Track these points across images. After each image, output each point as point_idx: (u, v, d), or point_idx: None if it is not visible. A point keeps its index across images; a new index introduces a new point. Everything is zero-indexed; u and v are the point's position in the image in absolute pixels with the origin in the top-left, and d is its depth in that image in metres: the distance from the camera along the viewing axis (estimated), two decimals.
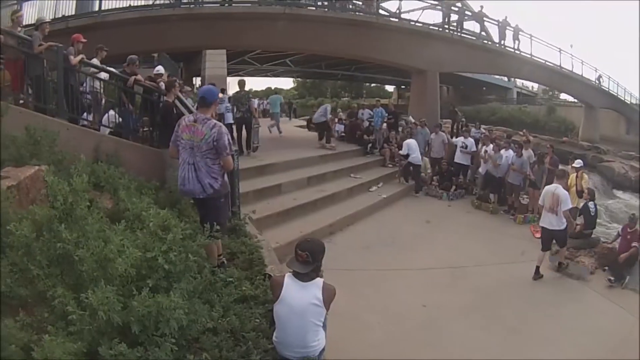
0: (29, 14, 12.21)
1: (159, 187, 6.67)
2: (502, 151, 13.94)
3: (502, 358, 6.34)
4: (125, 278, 3.31)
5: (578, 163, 12.26)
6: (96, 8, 15.85)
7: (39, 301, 3.18)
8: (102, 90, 8.74)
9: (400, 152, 15.19)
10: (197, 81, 32.46)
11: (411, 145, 14.94)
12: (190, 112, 6.65)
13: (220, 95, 15.01)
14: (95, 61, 8.68)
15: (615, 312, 8.15)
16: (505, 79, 51.05)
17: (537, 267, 9.31)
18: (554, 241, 9.47)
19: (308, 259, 3.83)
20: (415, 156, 14.87)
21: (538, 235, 10.40)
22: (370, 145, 17.27)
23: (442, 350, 6.41)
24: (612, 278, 9.06)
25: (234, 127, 13.51)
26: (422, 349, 6.37)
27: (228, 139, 5.32)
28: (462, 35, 24.16)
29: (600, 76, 36.78)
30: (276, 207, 9.85)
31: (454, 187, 15.03)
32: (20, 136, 5.26)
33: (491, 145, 14.31)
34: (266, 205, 9.73)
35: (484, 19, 25.99)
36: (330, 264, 6.76)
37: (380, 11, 23.29)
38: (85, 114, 8.28)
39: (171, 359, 3.11)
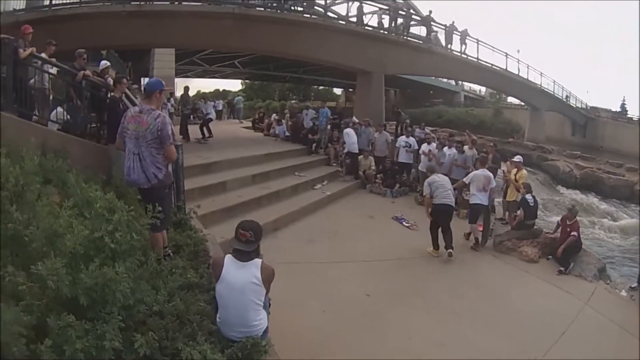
0: None
1: (105, 182, 6.64)
2: (445, 149, 14.36)
3: (442, 340, 6.54)
4: (73, 256, 3.33)
5: (517, 158, 12.67)
6: (47, 2, 15.78)
7: None
8: (50, 86, 8.67)
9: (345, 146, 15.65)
10: (145, 81, 32.16)
11: (349, 133, 15.47)
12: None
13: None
14: (43, 56, 8.55)
15: (561, 296, 8.50)
16: (453, 82, 52.02)
17: (469, 234, 10.87)
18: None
19: (251, 238, 4.01)
20: (353, 144, 15.35)
21: (481, 228, 10.98)
22: (315, 144, 17.46)
23: (383, 333, 6.61)
24: (562, 269, 9.52)
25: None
26: (363, 332, 6.56)
27: (171, 129, 5.38)
28: (408, 38, 24.62)
29: (567, 96, 39.02)
30: (221, 204, 9.86)
31: (397, 184, 15.24)
32: None
33: (434, 144, 14.75)
34: (211, 202, 9.76)
35: (432, 23, 26.57)
36: (275, 258, 6.92)
37: (329, 14, 23.65)
38: (35, 109, 8.16)
39: (119, 337, 3.15)
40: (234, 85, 73.65)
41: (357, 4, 23.99)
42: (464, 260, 9.88)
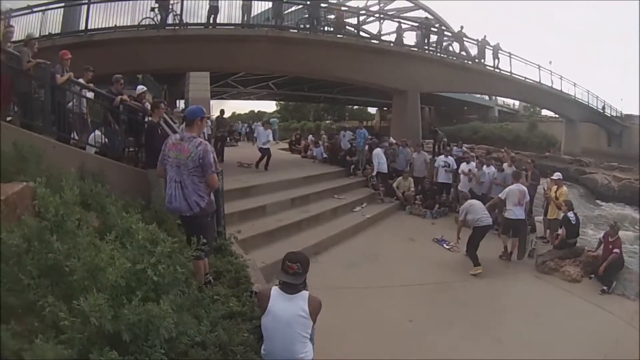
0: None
1: (144, 206, 6.61)
2: (484, 167, 14.18)
3: None
4: (115, 289, 3.25)
5: (557, 175, 12.46)
6: (82, 27, 16.05)
7: (29, 311, 3.16)
8: (87, 110, 8.72)
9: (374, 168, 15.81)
10: (180, 104, 32.56)
11: (378, 154, 15.73)
12: (176, 132, 6.71)
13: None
14: (81, 82, 8.61)
15: (604, 317, 8.26)
16: (487, 97, 51.65)
17: (506, 247, 11.00)
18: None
19: (299, 270, 3.90)
20: (381, 164, 15.56)
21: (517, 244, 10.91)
22: (353, 166, 17.29)
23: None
24: (604, 288, 9.26)
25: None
26: (404, 358, 6.44)
27: (213, 157, 5.33)
28: (441, 55, 24.47)
29: (604, 106, 38.10)
30: (261, 228, 9.74)
31: (437, 205, 15.05)
32: (7, 152, 5.18)
33: (473, 163, 14.60)
34: (251, 226, 9.64)
35: (464, 39, 26.39)
36: (316, 283, 6.81)
37: (361, 33, 23.64)
38: (73, 133, 8.18)
39: None
40: (269, 106, 74.39)
41: (387, 21, 24.06)
42: (506, 283, 9.81)
